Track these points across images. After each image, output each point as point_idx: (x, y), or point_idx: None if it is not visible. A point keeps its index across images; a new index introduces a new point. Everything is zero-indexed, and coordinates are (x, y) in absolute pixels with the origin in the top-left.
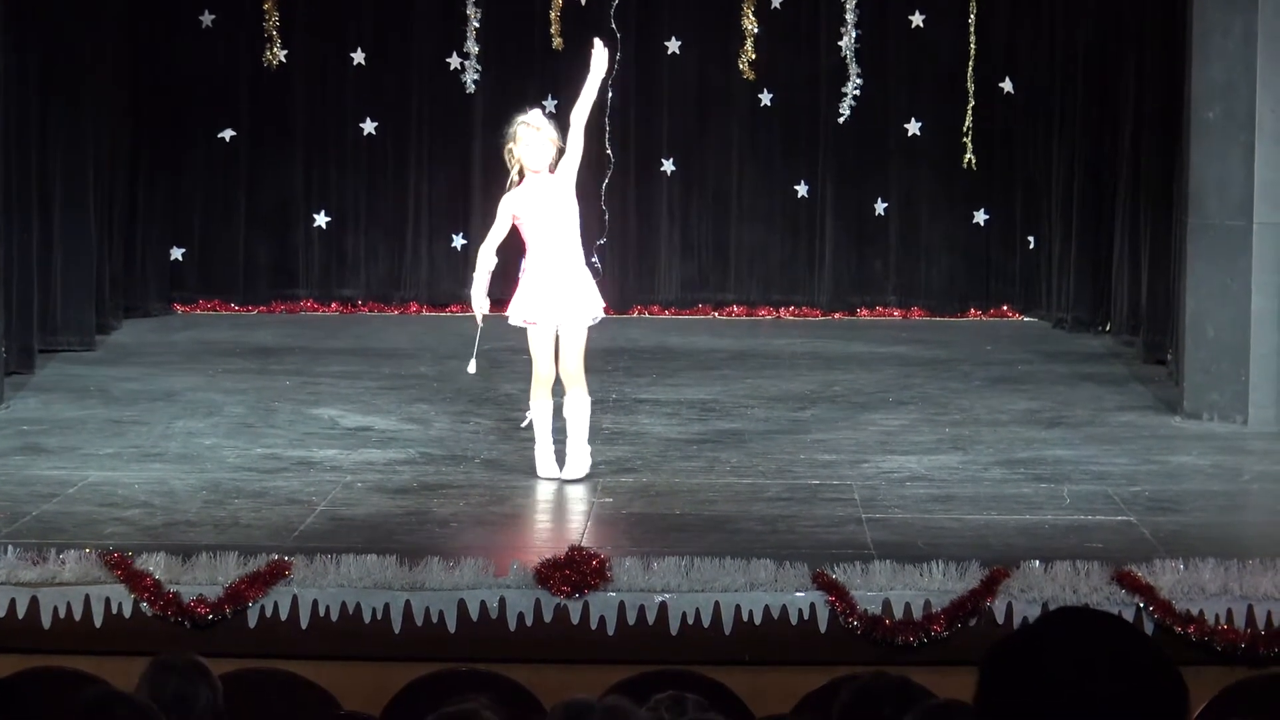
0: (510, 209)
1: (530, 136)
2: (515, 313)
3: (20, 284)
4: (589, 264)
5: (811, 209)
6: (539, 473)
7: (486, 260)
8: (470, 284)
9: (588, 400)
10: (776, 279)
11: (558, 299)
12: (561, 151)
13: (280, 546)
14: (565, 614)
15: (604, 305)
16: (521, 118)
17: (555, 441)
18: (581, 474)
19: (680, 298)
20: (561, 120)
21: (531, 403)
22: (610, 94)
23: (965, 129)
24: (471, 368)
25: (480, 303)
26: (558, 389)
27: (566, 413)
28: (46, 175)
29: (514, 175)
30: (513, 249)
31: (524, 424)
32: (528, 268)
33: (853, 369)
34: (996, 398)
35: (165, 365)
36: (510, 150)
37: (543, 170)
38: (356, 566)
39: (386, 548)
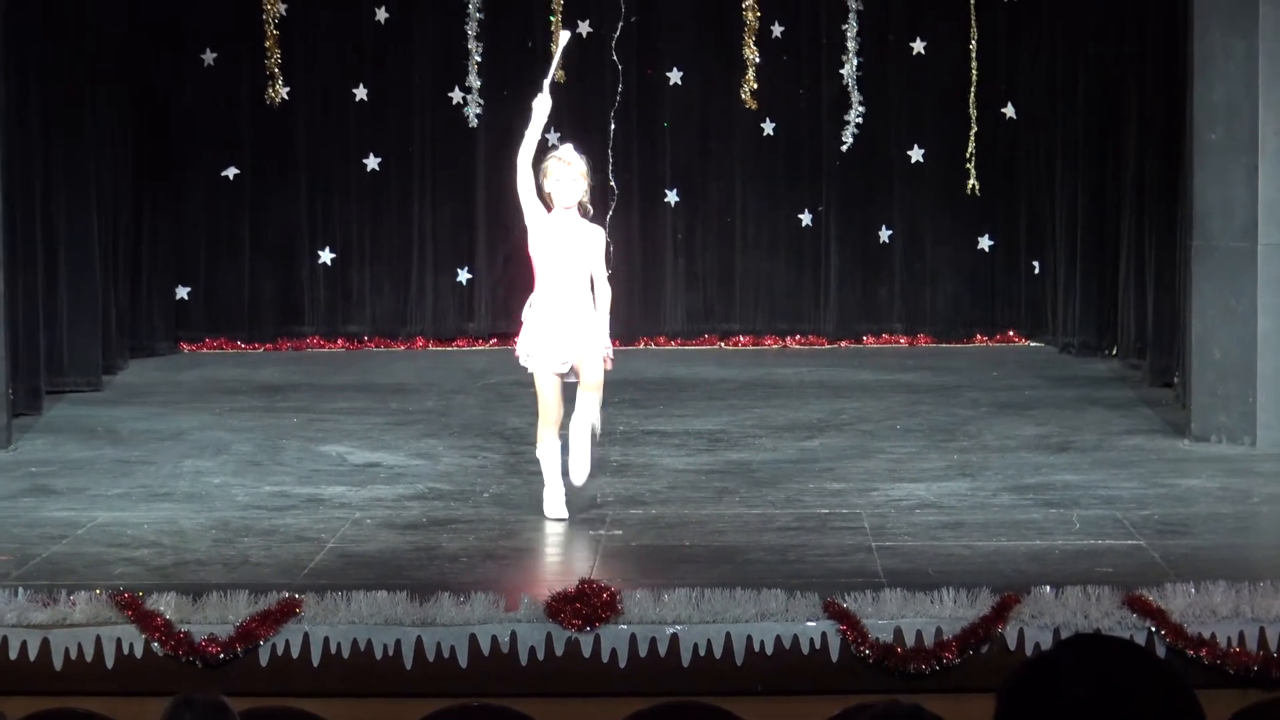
0: (536, 214)
1: (562, 171)
2: (524, 353)
3: (26, 325)
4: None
5: (816, 237)
6: (547, 513)
7: (540, 109)
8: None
9: (598, 398)
10: (782, 308)
11: (569, 338)
12: (592, 188)
13: (290, 584)
14: (576, 647)
15: (611, 350)
16: (554, 152)
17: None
18: (582, 480)
19: (686, 328)
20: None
21: (540, 447)
22: (613, 125)
23: (968, 155)
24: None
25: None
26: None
27: (577, 411)
28: (51, 216)
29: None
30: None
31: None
32: (535, 304)
33: (860, 397)
34: (1004, 423)
35: (172, 404)
36: (540, 185)
37: (573, 206)
38: (367, 603)
39: (397, 584)
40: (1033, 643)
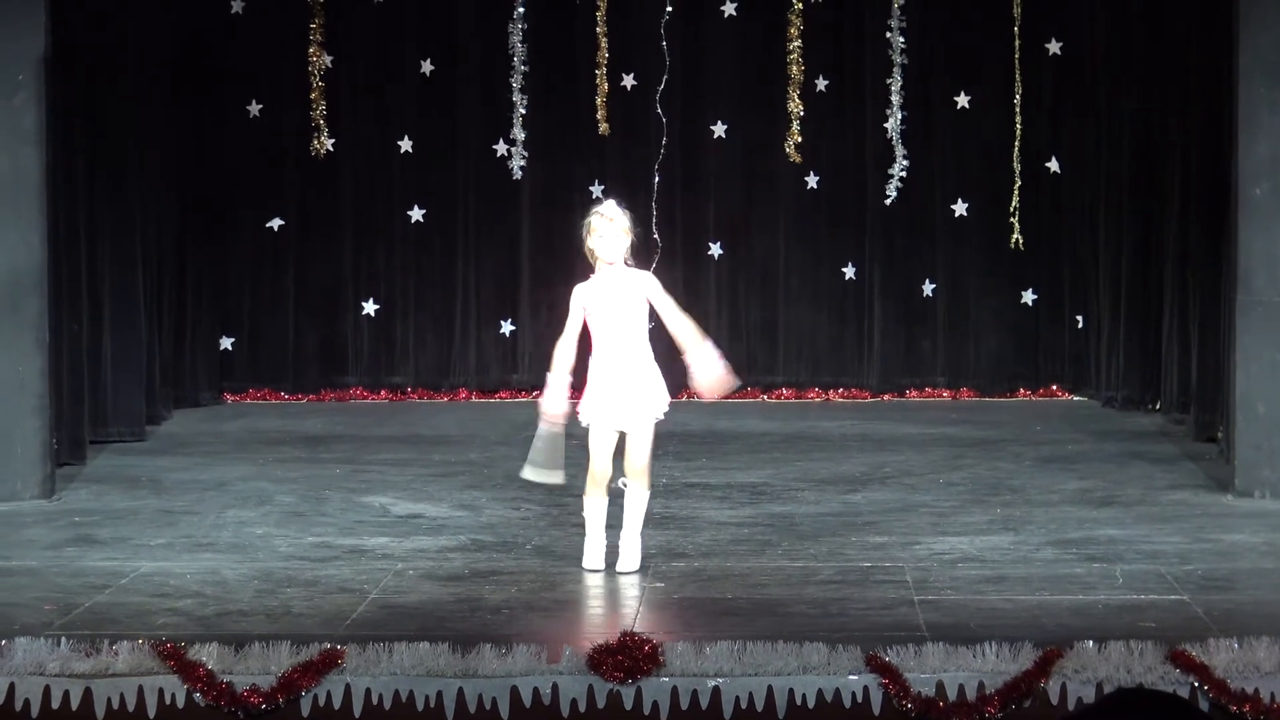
0: (581, 300)
1: (605, 228)
2: (584, 414)
3: (71, 375)
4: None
5: (859, 291)
6: (585, 564)
7: (565, 357)
8: (545, 385)
9: (646, 494)
10: (825, 361)
11: (623, 400)
12: (636, 242)
13: (333, 635)
14: (618, 700)
15: (668, 399)
16: (596, 208)
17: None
18: (633, 567)
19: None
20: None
21: (585, 499)
22: (656, 178)
23: (1012, 209)
24: (530, 474)
25: (555, 403)
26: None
27: (626, 503)
28: (95, 266)
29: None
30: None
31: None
32: (594, 365)
33: (903, 450)
34: (1047, 477)
35: (216, 455)
36: (585, 241)
37: (617, 262)
38: (409, 654)
39: (439, 635)
40: (1075, 697)
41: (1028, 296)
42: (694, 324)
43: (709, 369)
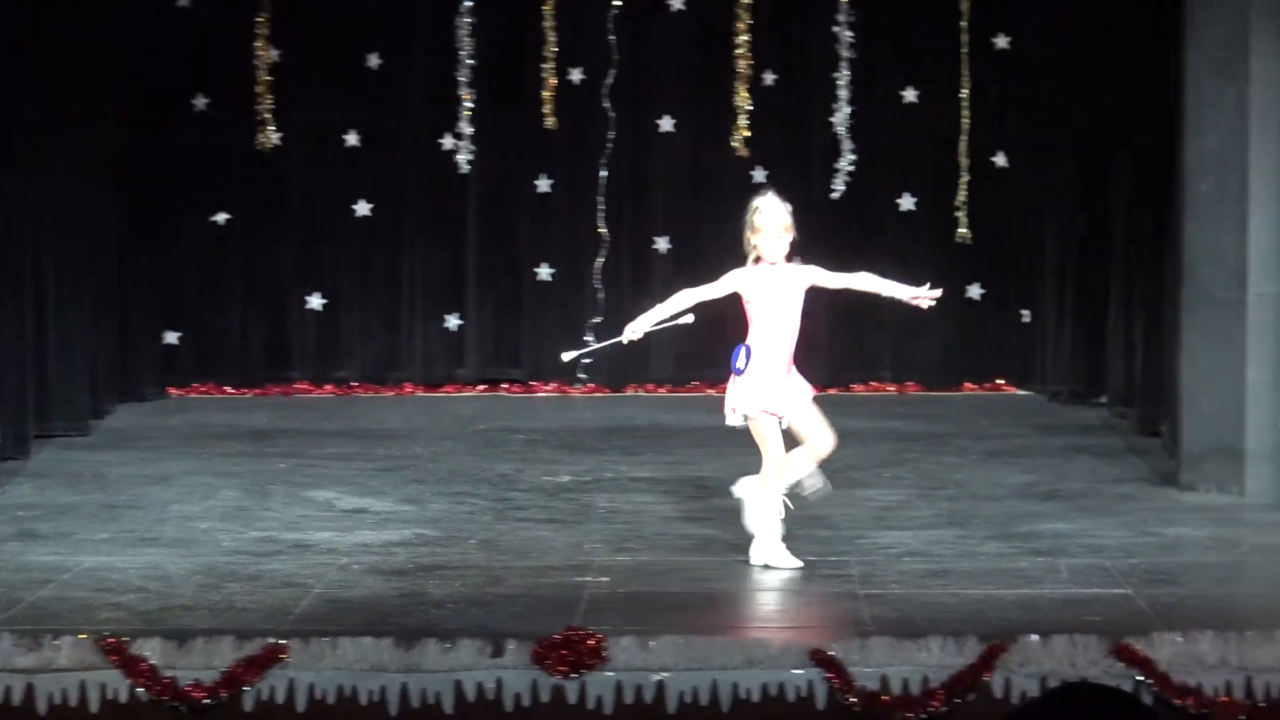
0: (737, 285)
1: (765, 225)
2: (755, 406)
3: (14, 370)
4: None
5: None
6: (790, 564)
7: (682, 299)
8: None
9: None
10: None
11: (785, 388)
12: (796, 240)
13: (276, 630)
14: (563, 694)
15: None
16: (757, 202)
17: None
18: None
19: (675, 375)
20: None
21: (769, 495)
22: (604, 173)
23: (959, 203)
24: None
25: (640, 326)
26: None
27: (793, 460)
28: (39, 261)
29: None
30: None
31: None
32: (754, 357)
33: (849, 444)
34: (992, 472)
35: (160, 449)
36: (748, 238)
37: (779, 260)
38: (353, 649)
39: (383, 630)
40: (1019, 691)
41: (974, 291)
42: (877, 277)
43: (919, 289)
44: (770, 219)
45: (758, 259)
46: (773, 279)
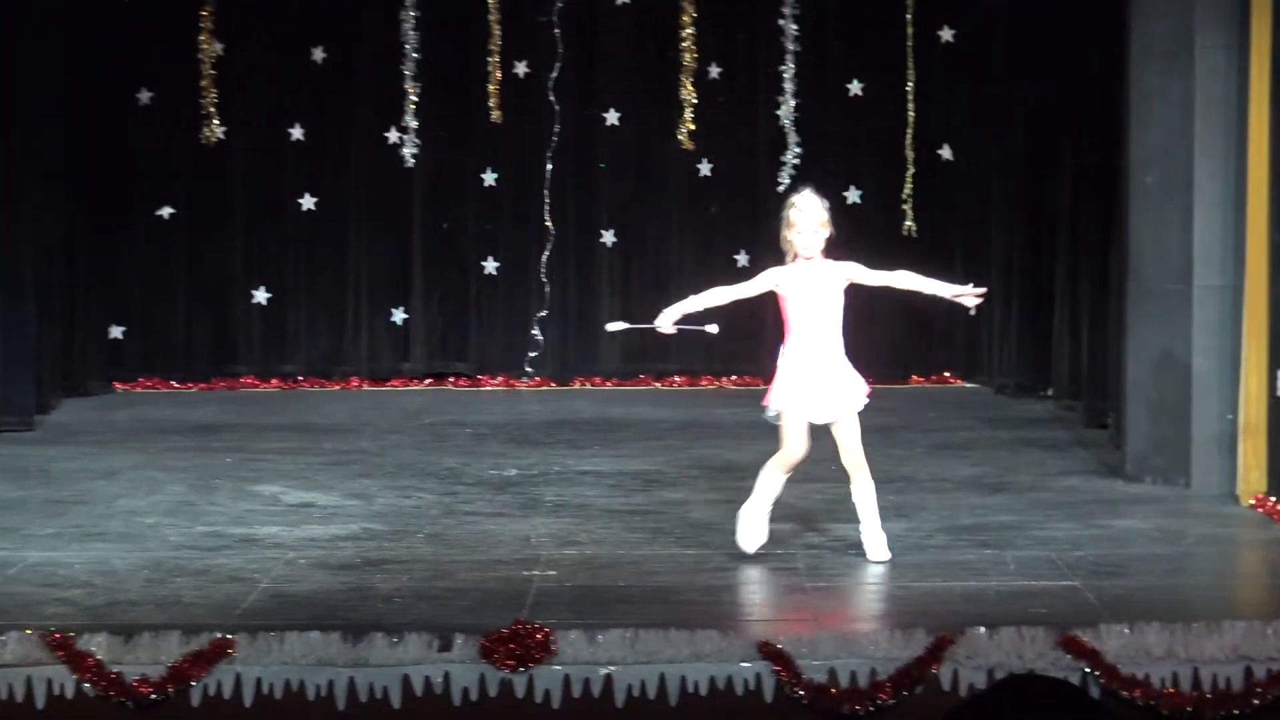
0: (772, 282)
1: (801, 221)
2: (778, 403)
3: None
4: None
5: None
6: (743, 546)
7: (714, 296)
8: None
9: (872, 483)
10: (718, 348)
11: (824, 392)
12: (832, 236)
13: (223, 624)
14: (510, 688)
15: (868, 387)
16: (794, 199)
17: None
18: (886, 556)
19: (622, 368)
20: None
21: (768, 475)
22: (549, 166)
23: (905, 196)
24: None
25: (671, 312)
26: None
27: (856, 499)
28: None
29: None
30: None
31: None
32: (788, 353)
33: None
34: (939, 464)
35: (105, 444)
36: (784, 235)
37: (815, 256)
38: (300, 644)
39: (330, 624)
40: (967, 684)
41: None
42: (915, 275)
43: (963, 288)
44: (805, 214)
45: (794, 256)
46: (809, 276)
